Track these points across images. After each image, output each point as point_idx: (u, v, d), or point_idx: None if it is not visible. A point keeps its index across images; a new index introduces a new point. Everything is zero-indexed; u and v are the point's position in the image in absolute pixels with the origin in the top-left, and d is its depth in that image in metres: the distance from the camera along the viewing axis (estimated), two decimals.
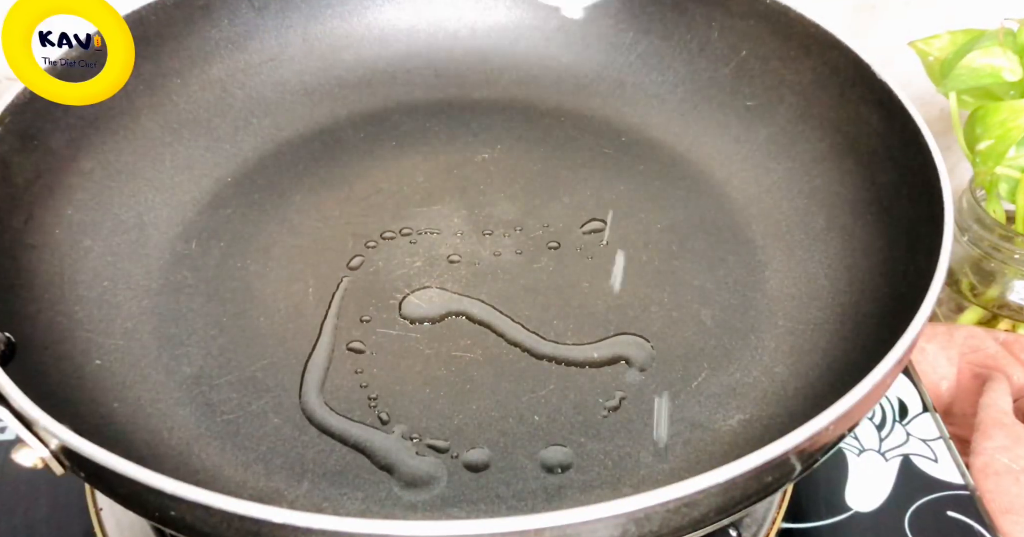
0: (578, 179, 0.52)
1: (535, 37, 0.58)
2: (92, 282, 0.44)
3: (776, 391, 0.41)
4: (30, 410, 0.31)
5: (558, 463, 0.39)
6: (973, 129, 0.56)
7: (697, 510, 0.30)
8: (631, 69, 0.56)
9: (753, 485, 0.31)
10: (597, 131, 0.55)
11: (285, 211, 0.49)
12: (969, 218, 0.62)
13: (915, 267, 0.39)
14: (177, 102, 0.51)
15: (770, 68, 0.52)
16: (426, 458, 0.39)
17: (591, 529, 0.28)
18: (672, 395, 0.41)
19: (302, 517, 0.28)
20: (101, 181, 0.47)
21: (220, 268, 0.46)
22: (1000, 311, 0.64)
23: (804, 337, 0.43)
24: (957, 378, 0.58)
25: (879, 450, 0.51)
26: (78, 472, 0.32)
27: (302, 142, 0.53)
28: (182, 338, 0.43)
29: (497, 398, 0.41)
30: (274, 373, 0.42)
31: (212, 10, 0.52)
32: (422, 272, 0.46)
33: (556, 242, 0.48)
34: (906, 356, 0.35)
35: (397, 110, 0.55)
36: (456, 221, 0.49)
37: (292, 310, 0.44)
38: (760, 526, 0.45)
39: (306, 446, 0.39)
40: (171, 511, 0.29)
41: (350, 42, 0.57)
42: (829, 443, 0.34)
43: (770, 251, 0.48)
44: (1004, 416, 0.52)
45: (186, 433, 0.39)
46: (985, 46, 0.54)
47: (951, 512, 0.48)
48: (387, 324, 0.44)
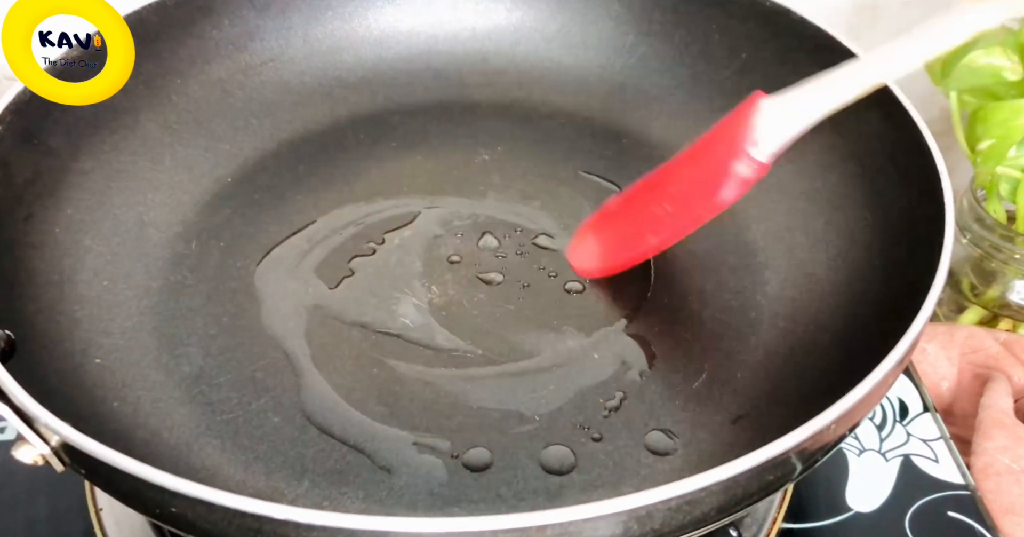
0: (577, 181, 0.52)
1: (535, 39, 0.58)
2: (92, 281, 0.44)
3: (777, 391, 0.41)
4: (31, 407, 0.31)
5: (559, 463, 0.39)
6: (974, 129, 0.56)
7: (699, 509, 0.30)
8: (631, 71, 0.56)
9: (754, 484, 0.31)
10: (597, 133, 0.55)
11: (285, 211, 0.49)
12: (970, 218, 0.62)
13: (916, 267, 0.39)
14: (177, 102, 0.51)
15: (771, 71, 0.52)
16: (426, 458, 0.39)
17: (593, 527, 0.28)
18: (673, 395, 0.41)
19: (303, 514, 0.27)
20: (101, 181, 0.47)
21: (220, 268, 0.46)
22: (1001, 311, 0.64)
23: (805, 337, 0.43)
24: (958, 378, 0.58)
25: (880, 450, 0.51)
26: (78, 469, 0.32)
27: (302, 142, 0.53)
28: (182, 338, 0.43)
29: (497, 398, 0.41)
30: (274, 373, 0.42)
31: (212, 10, 0.52)
32: (422, 273, 0.46)
33: (556, 243, 0.48)
34: (907, 356, 0.35)
35: (397, 111, 0.55)
36: (456, 222, 0.49)
37: (292, 310, 0.44)
38: (760, 526, 0.45)
39: (306, 446, 0.39)
40: (172, 508, 0.29)
41: (350, 43, 0.57)
42: (830, 443, 0.34)
43: (770, 252, 0.48)
44: (1005, 416, 0.52)
45: (186, 432, 0.39)
46: (986, 45, 0.54)
47: (952, 512, 0.47)
48: (387, 324, 0.44)
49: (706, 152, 0.42)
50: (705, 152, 0.42)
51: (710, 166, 0.41)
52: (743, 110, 0.40)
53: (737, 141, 0.39)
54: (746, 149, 0.39)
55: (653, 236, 0.44)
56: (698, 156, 0.42)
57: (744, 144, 0.39)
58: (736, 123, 0.40)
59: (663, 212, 0.43)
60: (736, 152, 0.39)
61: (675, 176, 0.43)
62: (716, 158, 0.40)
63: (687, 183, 0.43)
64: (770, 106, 0.39)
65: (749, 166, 0.39)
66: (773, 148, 0.39)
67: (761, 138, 0.39)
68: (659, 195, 0.44)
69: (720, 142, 0.40)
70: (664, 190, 0.44)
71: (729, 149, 0.39)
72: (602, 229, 0.47)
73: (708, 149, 0.42)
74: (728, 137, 0.40)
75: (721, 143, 0.40)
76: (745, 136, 0.39)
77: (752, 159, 0.39)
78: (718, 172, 0.40)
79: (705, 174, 0.41)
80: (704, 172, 0.41)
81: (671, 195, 0.43)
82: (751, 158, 0.39)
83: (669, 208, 0.43)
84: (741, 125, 0.39)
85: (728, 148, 0.39)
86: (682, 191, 0.43)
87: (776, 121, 0.39)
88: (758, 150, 0.39)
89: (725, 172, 0.39)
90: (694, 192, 0.42)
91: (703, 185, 0.41)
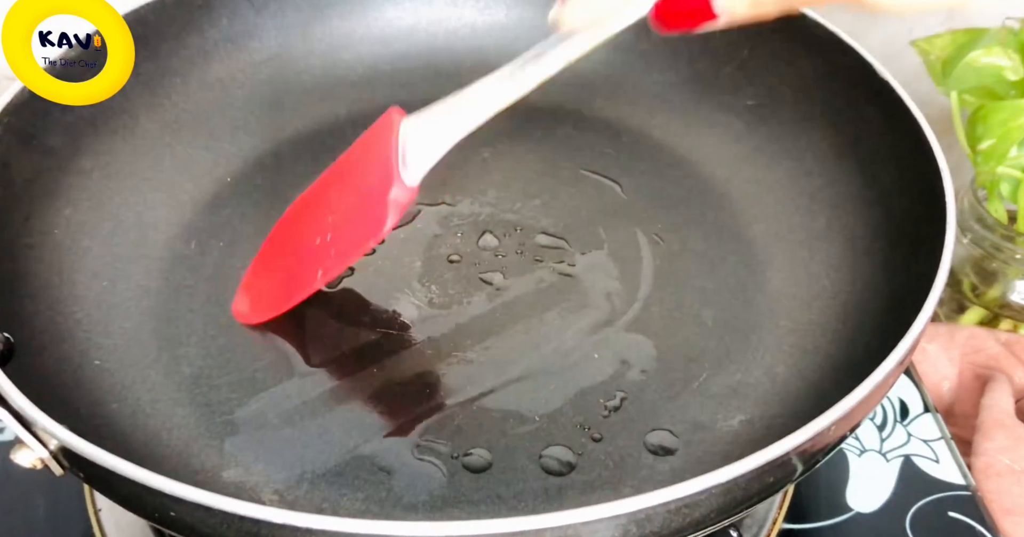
0: (578, 179, 0.52)
1: (535, 36, 0.57)
2: (91, 282, 0.44)
3: (777, 391, 0.41)
4: (29, 410, 0.31)
5: (559, 464, 0.39)
6: (974, 129, 0.56)
7: (698, 510, 0.30)
8: (632, 68, 0.56)
9: (755, 485, 0.31)
10: (598, 131, 0.54)
11: (285, 211, 0.49)
12: (971, 218, 0.62)
13: (917, 267, 0.39)
14: (177, 102, 0.51)
15: (771, 68, 0.52)
16: (426, 459, 0.39)
17: (592, 530, 0.28)
18: (673, 395, 0.41)
19: (302, 518, 0.27)
20: (101, 181, 0.47)
21: (220, 268, 0.46)
22: (1002, 311, 0.63)
23: (805, 337, 0.43)
24: (958, 378, 0.58)
25: (880, 450, 0.51)
26: (77, 473, 0.32)
27: (302, 142, 0.53)
28: (182, 338, 0.43)
29: (497, 398, 0.41)
30: (274, 373, 0.41)
31: (212, 10, 0.52)
32: (422, 272, 0.46)
33: (556, 242, 0.48)
34: (908, 356, 0.35)
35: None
36: (456, 221, 0.49)
37: (291, 310, 0.44)
38: (761, 527, 0.45)
39: (305, 447, 0.39)
40: (171, 512, 0.29)
41: (350, 42, 0.57)
42: (830, 443, 0.34)
43: (771, 251, 0.48)
44: (1006, 417, 0.52)
45: (185, 434, 0.39)
46: (987, 45, 0.54)
47: (952, 513, 0.47)
48: (387, 324, 0.44)
49: (359, 177, 0.41)
50: (358, 176, 0.41)
51: (365, 195, 0.40)
52: (386, 131, 0.39)
53: (388, 169, 0.39)
54: (400, 176, 0.39)
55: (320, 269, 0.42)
56: (350, 180, 0.42)
57: (395, 171, 0.38)
58: (383, 146, 0.39)
59: (324, 244, 0.42)
60: (390, 181, 0.38)
61: (329, 201, 0.43)
62: (370, 186, 0.40)
63: (345, 211, 0.42)
64: (413, 126, 0.39)
65: (405, 194, 0.39)
66: (422, 171, 0.39)
67: (409, 161, 0.39)
68: (318, 224, 0.43)
69: (372, 168, 0.40)
70: (321, 218, 0.43)
71: (382, 178, 0.39)
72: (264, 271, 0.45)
73: (360, 173, 0.41)
74: (379, 163, 0.39)
75: (373, 170, 0.40)
76: (394, 162, 0.39)
77: (405, 186, 0.39)
78: (375, 203, 0.39)
79: (362, 204, 0.40)
80: (360, 202, 0.41)
81: (330, 225, 0.42)
82: (404, 186, 0.39)
83: (331, 237, 0.42)
84: (389, 149, 0.39)
85: (381, 177, 0.39)
86: (341, 219, 0.42)
87: (422, 142, 0.39)
88: (408, 174, 0.39)
89: (383, 203, 0.39)
90: (353, 222, 0.41)
91: (362, 215, 0.40)
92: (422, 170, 0.39)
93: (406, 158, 0.39)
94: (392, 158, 0.39)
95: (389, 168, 0.39)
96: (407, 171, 0.39)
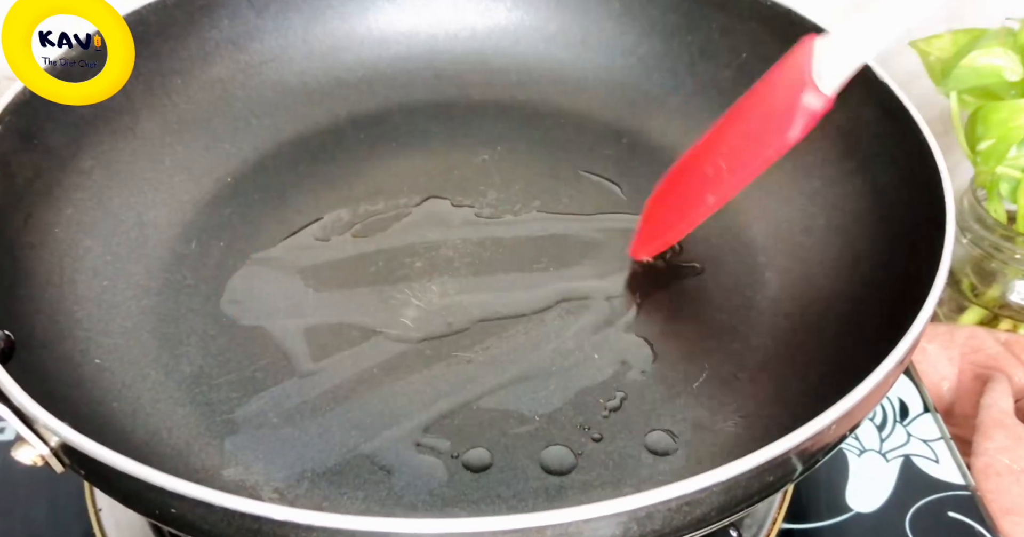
0: (578, 180, 0.52)
1: (535, 39, 0.58)
2: (91, 281, 0.44)
3: (777, 391, 0.41)
4: (30, 407, 0.31)
5: (559, 463, 0.39)
6: (974, 129, 0.56)
7: (699, 509, 0.30)
8: (632, 71, 0.56)
9: (755, 485, 0.31)
10: (597, 133, 0.55)
11: (285, 211, 0.49)
12: (970, 218, 0.62)
13: (916, 267, 0.39)
14: (177, 102, 0.51)
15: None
16: (426, 458, 0.39)
17: (593, 528, 0.28)
18: (673, 395, 0.41)
19: (303, 514, 0.27)
20: (101, 181, 0.47)
21: (220, 268, 0.46)
22: (1001, 311, 0.63)
23: (805, 337, 0.43)
24: (958, 378, 0.58)
25: (880, 450, 0.51)
26: (78, 470, 0.32)
27: (302, 142, 0.53)
28: (182, 338, 0.43)
29: (497, 398, 0.41)
30: (274, 373, 0.42)
31: (212, 10, 0.52)
32: (422, 272, 0.46)
33: (557, 243, 0.48)
34: (907, 356, 0.35)
35: (397, 111, 0.55)
36: (456, 222, 0.49)
37: (292, 310, 0.44)
38: (761, 526, 0.45)
39: (305, 446, 0.39)
40: (171, 509, 0.29)
41: (350, 43, 0.57)
42: (830, 443, 0.34)
43: (771, 252, 0.48)
44: (1005, 417, 0.52)
45: (186, 432, 0.39)
46: (986, 46, 0.54)
47: (952, 513, 0.47)
48: (387, 324, 0.44)
49: (762, 99, 0.41)
50: (761, 99, 0.41)
51: (773, 107, 0.40)
52: (796, 52, 0.39)
53: (801, 76, 0.38)
54: (812, 81, 0.38)
55: (711, 196, 0.43)
56: (752, 106, 0.42)
57: (809, 77, 0.38)
58: (794, 63, 0.39)
59: (717, 171, 0.42)
60: (802, 85, 0.38)
61: (724, 135, 0.43)
62: (779, 98, 0.39)
63: (742, 136, 0.42)
64: (824, 45, 0.38)
65: (817, 98, 0.38)
66: (836, 83, 0.38)
67: (822, 74, 0.38)
68: (711, 156, 0.43)
69: (778, 85, 0.40)
70: (715, 150, 0.43)
71: (793, 85, 0.38)
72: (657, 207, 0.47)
73: (763, 96, 0.41)
74: (788, 76, 0.39)
75: (780, 85, 0.39)
76: (807, 71, 0.38)
77: (819, 91, 0.38)
78: (785, 109, 0.39)
79: (767, 117, 0.40)
80: (766, 116, 0.40)
81: (724, 153, 0.42)
82: (818, 90, 0.38)
83: (724, 164, 0.42)
84: (800, 63, 0.38)
85: (792, 85, 0.38)
86: (738, 145, 0.42)
87: (834, 57, 0.38)
88: (823, 83, 0.38)
89: (793, 107, 0.38)
90: (755, 139, 0.41)
91: (767, 127, 0.40)
92: (836, 82, 0.38)
93: (818, 70, 0.38)
94: (804, 68, 0.38)
95: (801, 77, 0.38)
96: (821, 81, 0.38)
